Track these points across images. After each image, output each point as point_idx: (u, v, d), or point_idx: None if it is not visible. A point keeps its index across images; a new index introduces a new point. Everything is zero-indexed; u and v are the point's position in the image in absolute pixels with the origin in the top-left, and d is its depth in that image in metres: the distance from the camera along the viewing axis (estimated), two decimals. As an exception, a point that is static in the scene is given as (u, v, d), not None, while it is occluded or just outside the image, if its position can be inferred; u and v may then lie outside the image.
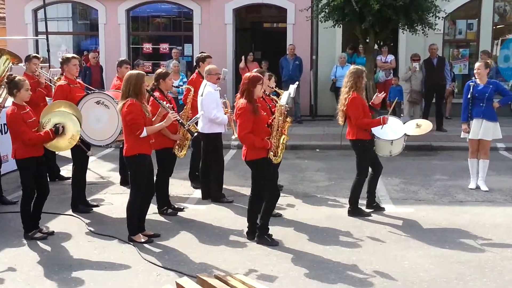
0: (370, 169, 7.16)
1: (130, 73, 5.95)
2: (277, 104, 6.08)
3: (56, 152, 8.43)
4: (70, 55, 7.36)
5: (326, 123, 13.51)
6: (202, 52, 12.61)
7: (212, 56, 8.53)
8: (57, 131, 6.03)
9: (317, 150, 11.50)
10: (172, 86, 7.49)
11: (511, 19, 15.41)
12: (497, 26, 15.34)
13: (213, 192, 7.69)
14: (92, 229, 6.47)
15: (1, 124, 8.92)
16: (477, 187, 8.22)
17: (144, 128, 5.85)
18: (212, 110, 7.41)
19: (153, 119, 6.13)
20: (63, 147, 6.20)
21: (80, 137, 6.37)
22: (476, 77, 8.13)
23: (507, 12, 15.32)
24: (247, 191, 6.24)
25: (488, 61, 9.10)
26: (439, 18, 12.02)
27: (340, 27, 13.16)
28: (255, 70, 6.97)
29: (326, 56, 15.15)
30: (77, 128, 6.13)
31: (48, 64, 11.75)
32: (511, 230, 6.42)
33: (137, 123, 5.80)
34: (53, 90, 7.57)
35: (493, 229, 6.45)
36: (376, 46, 15.17)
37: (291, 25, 15.48)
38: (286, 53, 14.69)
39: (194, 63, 8.62)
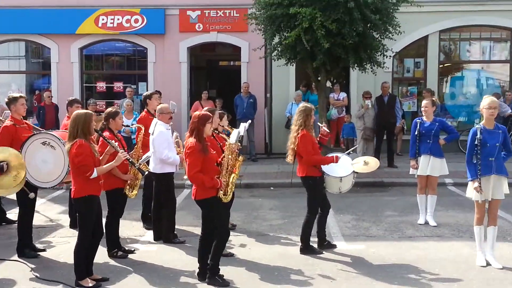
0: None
1: (77, 113, 5.91)
2: (226, 143, 6.13)
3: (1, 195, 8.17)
4: (17, 94, 7.22)
5: (280, 160, 13.55)
6: (156, 91, 12.70)
7: (165, 94, 8.55)
8: (1, 169, 5.90)
9: (272, 188, 11.58)
10: (123, 125, 7.46)
11: (456, 57, 16.08)
12: (445, 65, 15.95)
13: (164, 232, 7.62)
14: (37, 275, 6.27)
15: None
16: (426, 222, 8.40)
17: (95, 169, 5.81)
18: (163, 150, 7.40)
19: (100, 158, 6.09)
20: (7, 185, 6.04)
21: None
22: (423, 114, 8.39)
23: (452, 51, 15.98)
24: (200, 231, 6.19)
25: (433, 99, 9.42)
26: (387, 57, 12.40)
27: (293, 65, 13.42)
28: (206, 108, 7.06)
29: (280, 94, 15.40)
30: (22, 164, 6.00)
31: (-2, 104, 11.57)
32: (458, 264, 6.56)
33: (86, 165, 5.76)
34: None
35: (440, 264, 6.57)
36: (329, 84, 15.51)
37: (245, 63, 15.73)
38: (240, 91, 14.87)
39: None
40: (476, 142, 6.32)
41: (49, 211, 9.51)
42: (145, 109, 8.44)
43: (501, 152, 6.43)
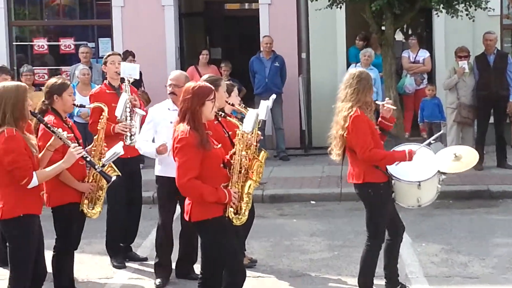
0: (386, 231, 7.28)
1: (3, 87, 5.97)
2: (238, 132, 6.17)
3: None
4: None
5: (326, 159, 13.40)
6: (126, 51, 12.71)
7: (142, 56, 8.47)
8: None
9: (312, 202, 11.63)
10: (75, 105, 7.52)
11: None
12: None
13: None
14: None
15: None
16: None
17: (34, 173, 5.89)
18: (140, 135, 7.88)
19: (40, 155, 6.17)
20: None
21: None
22: None
23: None
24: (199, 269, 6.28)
25: None
26: (492, -7, 12.39)
27: (341, 7, 13.43)
28: (206, 77, 7.09)
29: (323, 54, 15.34)
30: None
31: None
32: None
33: (21, 167, 5.83)
34: None
35: None
36: (400, 37, 15.45)
37: (265, 5, 15.65)
38: (259, 50, 14.91)
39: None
40: None
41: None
42: (105, 80, 8.81)
43: None
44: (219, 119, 6.97)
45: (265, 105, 7.28)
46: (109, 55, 8.82)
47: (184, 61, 16.13)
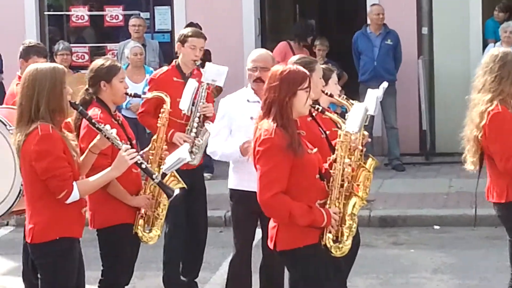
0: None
1: (35, 70, 5.98)
2: (340, 132, 6.18)
3: None
4: None
5: (455, 169, 13.37)
6: (190, 24, 12.81)
7: (212, 30, 8.40)
8: None
9: (436, 227, 11.61)
10: (127, 94, 7.54)
11: None
12: None
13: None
14: None
15: None
16: None
17: (74, 183, 5.96)
18: (211, 138, 7.78)
19: (80, 159, 6.21)
20: None
21: None
22: None
23: None
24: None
25: None
26: None
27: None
28: (295, 58, 7.08)
29: (452, 29, 15.28)
30: None
31: None
32: None
33: (60, 175, 5.89)
34: None
35: None
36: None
37: (374, -33, 15.70)
38: (365, 24, 14.93)
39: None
40: None
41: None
42: (174, 62, 8.69)
43: None
44: (314, 114, 6.92)
45: (374, 96, 7.27)
46: (190, 35, 8.58)
47: (266, 39, 16.16)
